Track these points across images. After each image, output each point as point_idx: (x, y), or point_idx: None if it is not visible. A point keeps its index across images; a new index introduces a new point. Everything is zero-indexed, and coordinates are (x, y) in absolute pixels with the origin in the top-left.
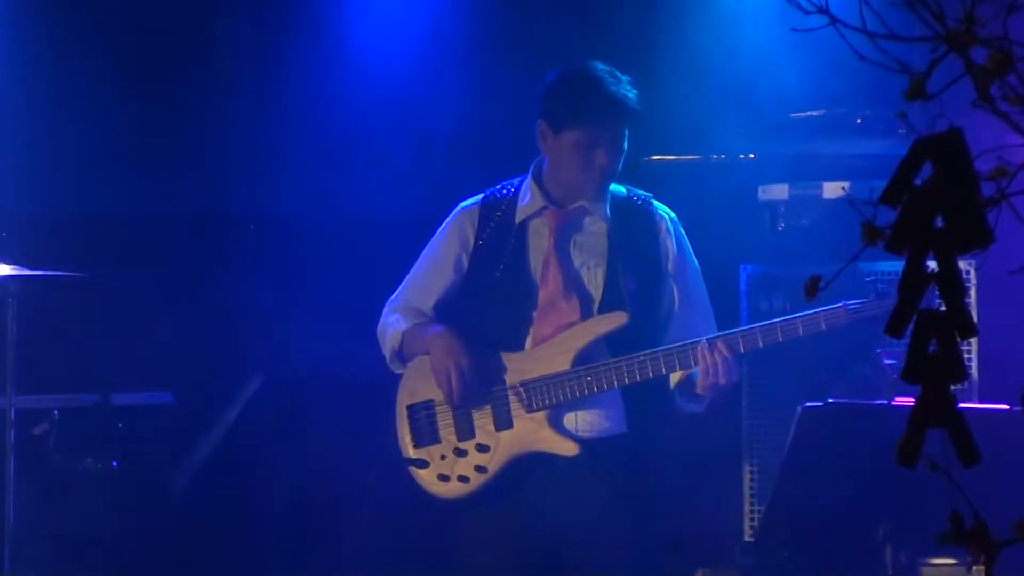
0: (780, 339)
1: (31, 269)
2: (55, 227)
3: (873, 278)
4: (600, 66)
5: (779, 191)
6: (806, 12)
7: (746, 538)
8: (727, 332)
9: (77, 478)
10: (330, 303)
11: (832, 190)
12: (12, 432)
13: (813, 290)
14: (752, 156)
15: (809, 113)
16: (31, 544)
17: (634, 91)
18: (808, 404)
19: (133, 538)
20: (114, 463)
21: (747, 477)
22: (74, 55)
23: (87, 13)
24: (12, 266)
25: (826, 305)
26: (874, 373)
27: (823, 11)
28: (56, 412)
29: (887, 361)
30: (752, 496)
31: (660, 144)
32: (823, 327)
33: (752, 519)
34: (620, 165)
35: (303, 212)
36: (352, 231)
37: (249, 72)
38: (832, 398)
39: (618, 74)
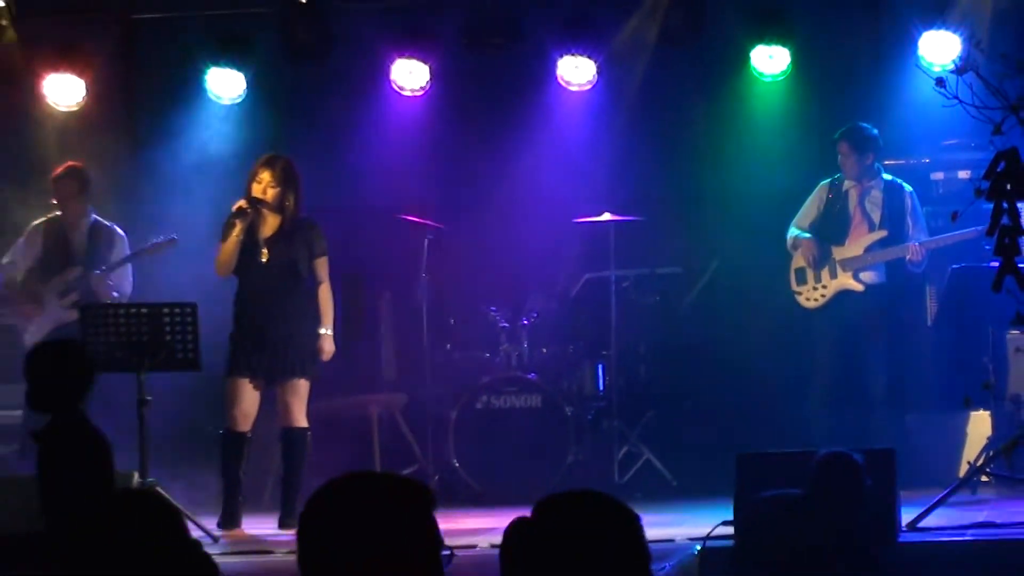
0: (953, 242)
1: None
2: None
3: None
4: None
5: (938, 175)
6: (948, 97)
7: None
8: (928, 238)
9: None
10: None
11: (964, 174)
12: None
13: (954, 217)
14: (926, 160)
15: (952, 141)
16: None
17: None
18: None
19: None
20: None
21: None
22: None
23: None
24: None
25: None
26: None
27: (957, 99)
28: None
29: None
30: None
31: (890, 154)
32: (967, 238)
33: None
34: (854, 169)
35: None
36: (757, 199)
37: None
38: None
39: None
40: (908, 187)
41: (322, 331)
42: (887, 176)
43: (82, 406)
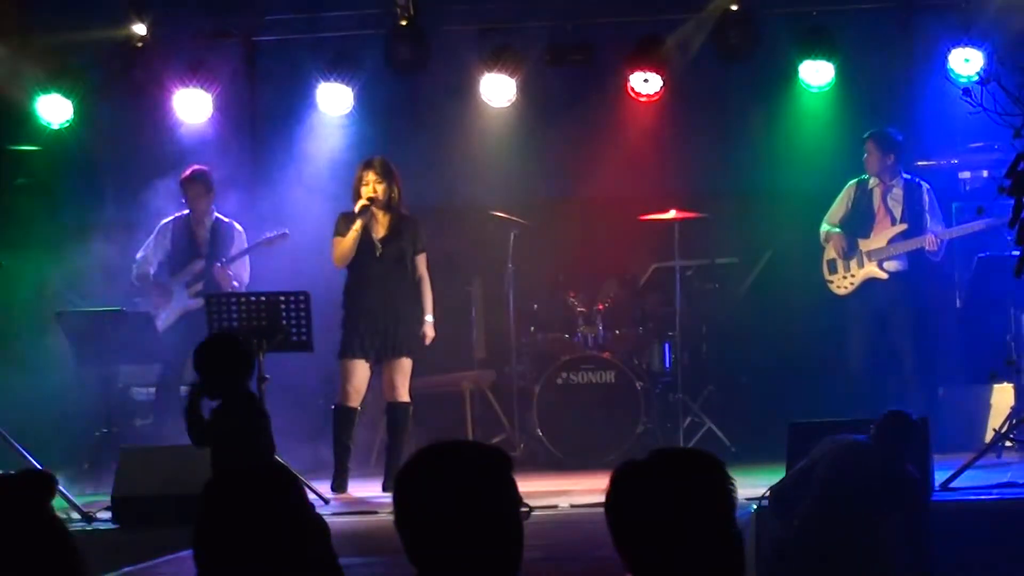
0: (966, 233)
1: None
2: None
3: None
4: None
5: (965, 175)
6: (973, 106)
7: None
8: (944, 230)
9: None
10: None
11: (987, 173)
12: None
13: (980, 211)
14: (955, 161)
15: (977, 144)
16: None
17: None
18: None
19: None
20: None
21: None
22: None
23: None
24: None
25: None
26: None
27: (982, 107)
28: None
29: None
30: None
31: (922, 156)
32: (978, 229)
33: None
34: (876, 166)
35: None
36: (805, 196)
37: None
38: None
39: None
40: (926, 184)
41: (426, 318)
42: (907, 175)
43: (247, 386)
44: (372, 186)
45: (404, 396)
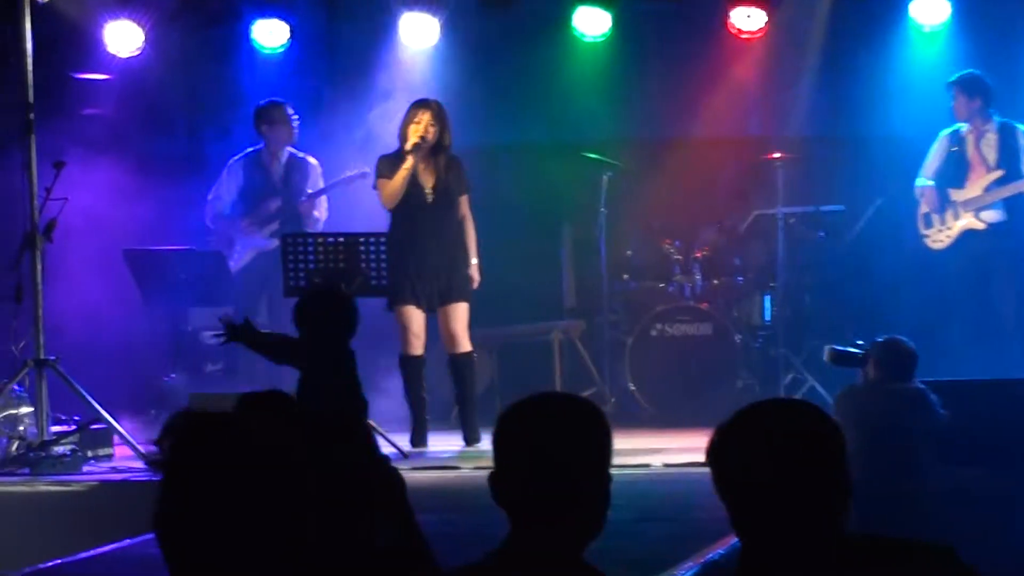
0: None
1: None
2: None
3: None
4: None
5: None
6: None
7: None
8: None
9: None
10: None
11: None
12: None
13: None
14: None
15: None
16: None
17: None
18: None
19: None
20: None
21: None
22: None
23: None
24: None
25: None
26: None
27: None
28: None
29: None
30: None
31: None
32: None
33: None
34: (964, 112)
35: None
36: (917, 142)
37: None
38: None
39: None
40: (1021, 126)
41: (471, 261)
42: (1000, 118)
43: (348, 345)
44: (425, 126)
45: (466, 345)
